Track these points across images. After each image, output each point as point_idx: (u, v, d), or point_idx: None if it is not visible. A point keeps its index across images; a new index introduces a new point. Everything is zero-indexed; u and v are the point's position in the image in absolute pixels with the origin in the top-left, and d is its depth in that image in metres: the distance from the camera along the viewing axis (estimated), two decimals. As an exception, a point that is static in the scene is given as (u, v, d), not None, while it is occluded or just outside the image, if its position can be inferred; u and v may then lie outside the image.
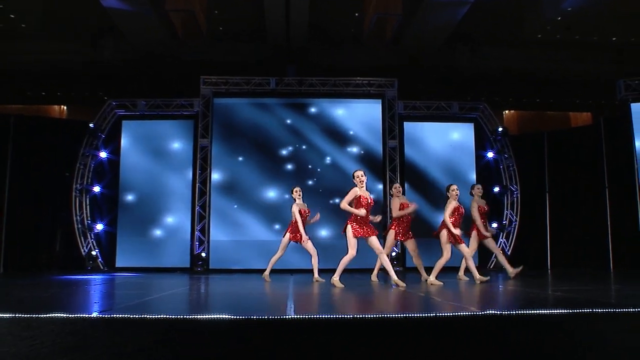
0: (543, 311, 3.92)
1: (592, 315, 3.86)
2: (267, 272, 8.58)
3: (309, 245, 8.22)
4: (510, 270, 8.87)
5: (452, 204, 7.74)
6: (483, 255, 12.49)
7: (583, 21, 12.50)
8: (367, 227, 7.18)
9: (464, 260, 8.50)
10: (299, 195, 8.49)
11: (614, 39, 13.28)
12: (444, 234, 7.69)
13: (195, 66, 13.61)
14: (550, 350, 3.68)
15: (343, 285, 7.02)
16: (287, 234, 8.38)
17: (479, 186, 9.10)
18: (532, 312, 3.91)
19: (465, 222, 8.23)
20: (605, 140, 12.65)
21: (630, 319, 3.90)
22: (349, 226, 7.13)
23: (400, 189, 8.88)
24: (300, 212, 8.35)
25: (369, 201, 7.26)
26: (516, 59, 13.96)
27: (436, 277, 7.69)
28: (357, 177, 7.27)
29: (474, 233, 8.79)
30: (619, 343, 3.73)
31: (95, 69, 13.65)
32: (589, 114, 15.80)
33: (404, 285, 6.97)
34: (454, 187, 7.91)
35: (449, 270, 8.84)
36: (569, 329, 3.83)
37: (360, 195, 7.20)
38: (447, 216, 7.63)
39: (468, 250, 8.12)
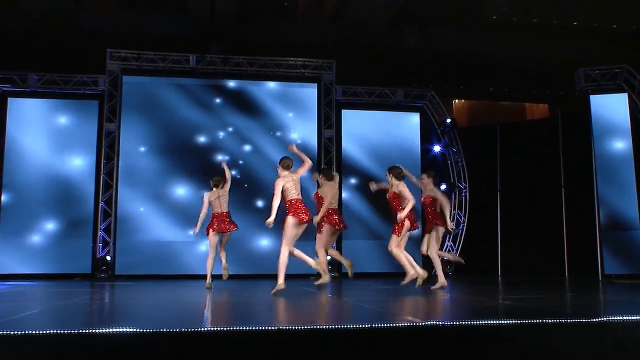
0: (490, 322, 4.02)
1: (543, 326, 3.99)
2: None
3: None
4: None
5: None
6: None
7: (543, 2, 12.90)
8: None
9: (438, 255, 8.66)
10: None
11: (575, 23, 13.75)
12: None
13: (101, 38, 13.12)
14: (497, 365, 3.77)
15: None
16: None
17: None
18: (478, 322, 3.99)
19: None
20: (563, 135, 13.22)
21: (584, 330, 4.05)
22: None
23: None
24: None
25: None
26: (468, 43, 14.29)
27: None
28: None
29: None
30: (572, 357, 3.87)
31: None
32: (546, 105, 16.49)
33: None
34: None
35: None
36: (518, 341, 3.93)
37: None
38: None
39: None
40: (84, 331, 3.73)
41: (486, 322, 4.01)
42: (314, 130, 13.09)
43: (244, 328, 3.76)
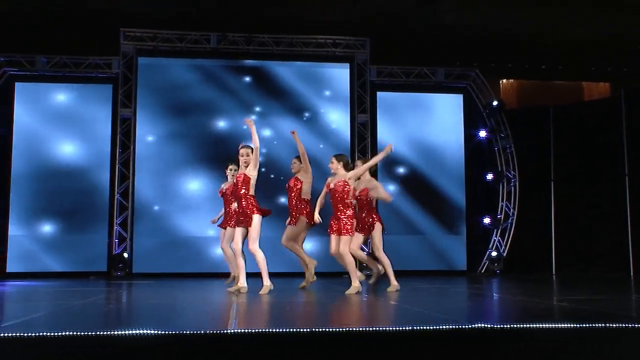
0: (544, 325, 3.98)
1: (605, 331, 3.93)
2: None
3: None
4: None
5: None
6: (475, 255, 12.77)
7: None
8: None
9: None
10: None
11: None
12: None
13: (114, 16, 13.23)
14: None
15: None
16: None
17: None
18: (530, 325, 3.96)
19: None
20: (627, 117, 12.94)
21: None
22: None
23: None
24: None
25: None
26: (517, 16, 14.04)
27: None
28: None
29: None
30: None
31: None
32: (607, 84, 16.11)
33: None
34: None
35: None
36: (576, 347, 3.89)
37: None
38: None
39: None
40: (101, 333, 3.79)
41: (540, 325, 3.97)
42: (346, 115, 13.06)
43: (276, 330, 3.78)
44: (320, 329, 3.82)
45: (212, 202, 11.38)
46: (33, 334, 3.69)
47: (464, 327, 3.96)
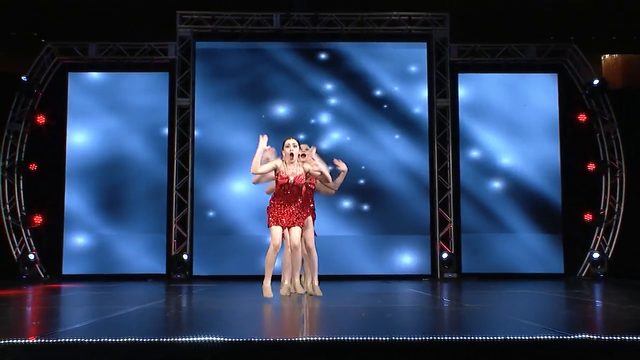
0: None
1: None
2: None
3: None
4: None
5: None
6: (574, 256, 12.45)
7: None
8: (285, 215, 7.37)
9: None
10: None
11: None
12: None
13: (169, -2, 13.52)
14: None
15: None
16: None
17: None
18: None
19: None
20: None
21: None
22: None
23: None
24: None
25: (291, 180, 7.37)
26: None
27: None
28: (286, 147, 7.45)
29: None
30: None
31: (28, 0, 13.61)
32: None
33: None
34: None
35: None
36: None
37: (279, 170, 7.38)
38: None
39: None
40: (163, 340, 3.90)
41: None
42: (423, 101, 12.96)
43: (352, 338, 3.80)
44: (417, 338, 3.86)
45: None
46: (92, 340, 3.82)
47: (563, 337, 3.90)
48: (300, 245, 7.34)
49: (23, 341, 3.84)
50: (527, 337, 3.90)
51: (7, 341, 3.77)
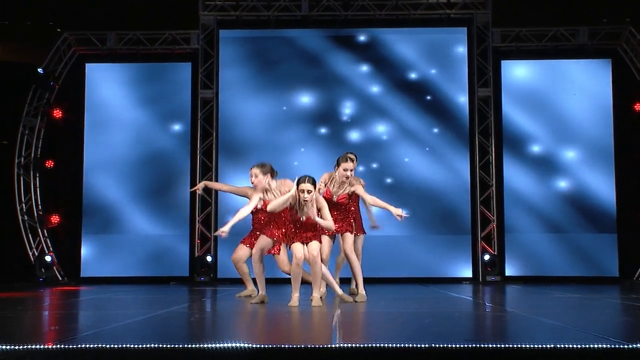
0: None
1: None
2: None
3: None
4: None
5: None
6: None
7: None
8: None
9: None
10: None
11: None
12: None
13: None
14: None
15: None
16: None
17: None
18: None
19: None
20: None
21: None
22: None
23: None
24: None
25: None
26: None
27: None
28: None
29: None
30: None
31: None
32: None
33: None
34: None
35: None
36: None
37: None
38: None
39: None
40: (188, 346, 3.93)
41: None
42: (463, 90, 12.90)
43: (388, 345, 3.81)
44: (458, 345, 3.85)
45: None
46: (114, 346, 3.87)
47: (619, 346, 3.85)
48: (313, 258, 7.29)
49: (41, 347, 3.90)
50: (578, 346, 3.84)
51: (25, 346, 3.83)
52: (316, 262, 7.13)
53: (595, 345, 3.87)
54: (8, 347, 3.79)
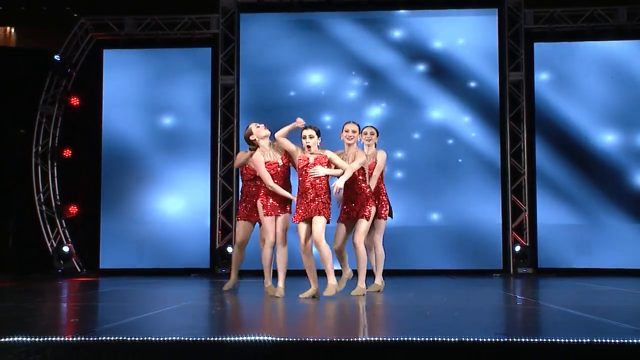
0: None
1: None
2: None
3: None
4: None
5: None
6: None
7: None
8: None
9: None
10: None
11: None
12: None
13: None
14: None
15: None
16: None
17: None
18: None
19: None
20: None
21: None
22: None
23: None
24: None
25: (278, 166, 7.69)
26: None
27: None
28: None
29: None
30: None
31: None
32: None
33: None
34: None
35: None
36: None
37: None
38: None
39: None
40: (210, 339, 3.96)
41: None
42: (494, 74, 12.81)
43: (417, 339, 3.81)
44: (489, 339, 3.87)
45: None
46: (135, 338, 3.90)
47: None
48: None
49: (61, 339, 3.95)
50: (616, 341, 3.83)
51: (44, 339, 3.88)
52: (321, 243, 7.13)
53: (636, 340, 3.85)
54: (29, 338, 3.84)
